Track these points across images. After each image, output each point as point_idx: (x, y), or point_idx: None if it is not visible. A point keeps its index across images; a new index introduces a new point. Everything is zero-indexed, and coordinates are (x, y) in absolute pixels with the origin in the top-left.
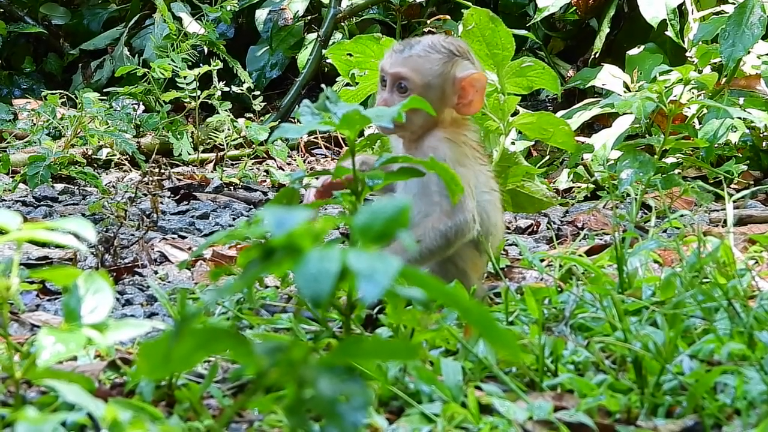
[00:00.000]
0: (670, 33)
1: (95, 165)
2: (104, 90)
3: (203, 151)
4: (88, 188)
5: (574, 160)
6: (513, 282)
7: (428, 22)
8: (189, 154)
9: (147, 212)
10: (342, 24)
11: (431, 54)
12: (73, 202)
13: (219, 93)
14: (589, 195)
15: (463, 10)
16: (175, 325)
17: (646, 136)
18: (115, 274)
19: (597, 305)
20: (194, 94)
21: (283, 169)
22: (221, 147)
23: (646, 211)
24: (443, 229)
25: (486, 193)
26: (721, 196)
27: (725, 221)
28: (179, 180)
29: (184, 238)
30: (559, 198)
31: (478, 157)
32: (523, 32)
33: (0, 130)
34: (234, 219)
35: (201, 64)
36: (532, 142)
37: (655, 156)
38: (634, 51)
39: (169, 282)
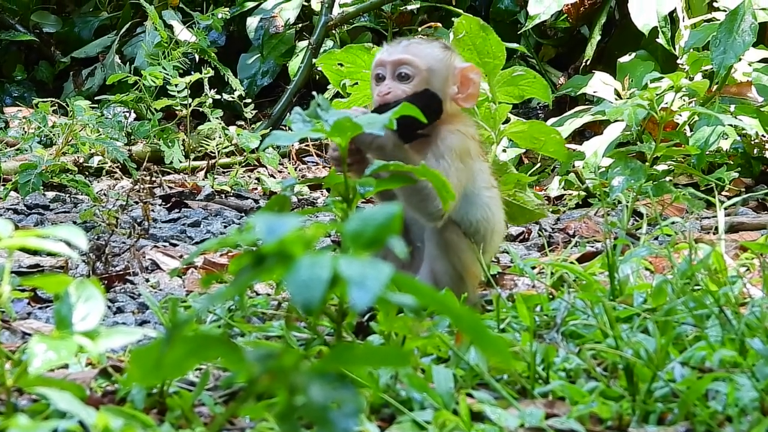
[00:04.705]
0: (661, 40)
1: (86, 173)
2: (95, 98)
3: (194, 159)
4: (80, 196)
5: (565, 168)
6: (504, 289)
7: (419, 29)
8: (180, 161)
9: (138, 220)
10: (333, 32)
11: (430, 42)
12: (64, 210)
13: (210, 101)
14: (580, 202)
15: (453, 19)
16: (166, 332)
17: (638, 143)
18: (106, 281)
19: (588, 312)
20: (185, 102)
21: (274, 177)
22: (212, 155)
23: (637, 218)
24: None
25: (487, 189)
26: (713, 203)
27: (716, 228)
28: (170, 188)
29: (175, 245)
30: (551, 206)
31: (480, 154)
32: (514, 45)
33: None
34: (225, 227)
35: (192, 72)
36: (523, 151)
37: (647, 163)
38: (625, 58)
39: (160, 290)
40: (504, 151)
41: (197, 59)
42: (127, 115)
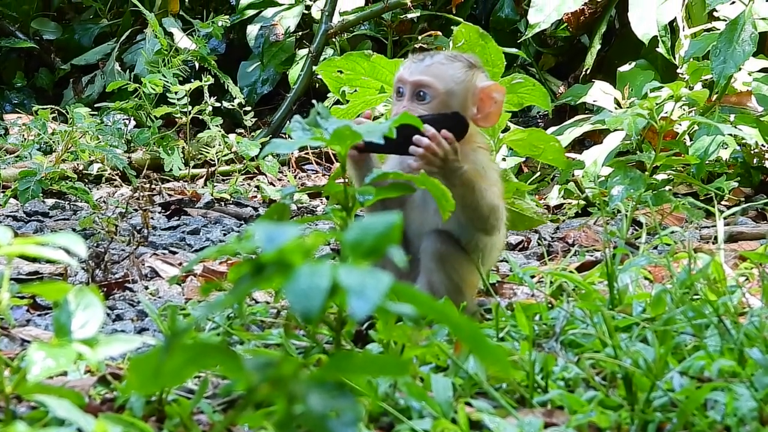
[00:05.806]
0: (661, 49)
1: (86, 180)
2: (95, 105)
3: (194, 167)
4: (79, 203)
5: (564, 177)
6: (504, 298)
7: (419, 38)
8: (180, 169)
9: (138, 227)
10: (333, 39)
11: (453, 62)
12: (63, 218)
13: (210, 108)
14: (579, 211)
15: (453, 27)
16: (165, 340)
17: (637, 152)
18: (105, 289)
19: (587, 321)
20: (185, 110)
21: (273, 185)
22: (212, 162)
23: (636, 227)
24: (494, 202)
25: None
26: (712, 213)
27: (716, 238)
28: (170, 195)
29: (174, 253)
30: (550, 215)
31: (498, 170)
32: (513, 50)
33: None
34: (225, 234)
35: (192, 80)
36: (523, 159)
37: (646, 172)
38: (625, 67)
39: (159, 297)
40: (503, 159)
41: (197, 67)
42: (127, 122)
